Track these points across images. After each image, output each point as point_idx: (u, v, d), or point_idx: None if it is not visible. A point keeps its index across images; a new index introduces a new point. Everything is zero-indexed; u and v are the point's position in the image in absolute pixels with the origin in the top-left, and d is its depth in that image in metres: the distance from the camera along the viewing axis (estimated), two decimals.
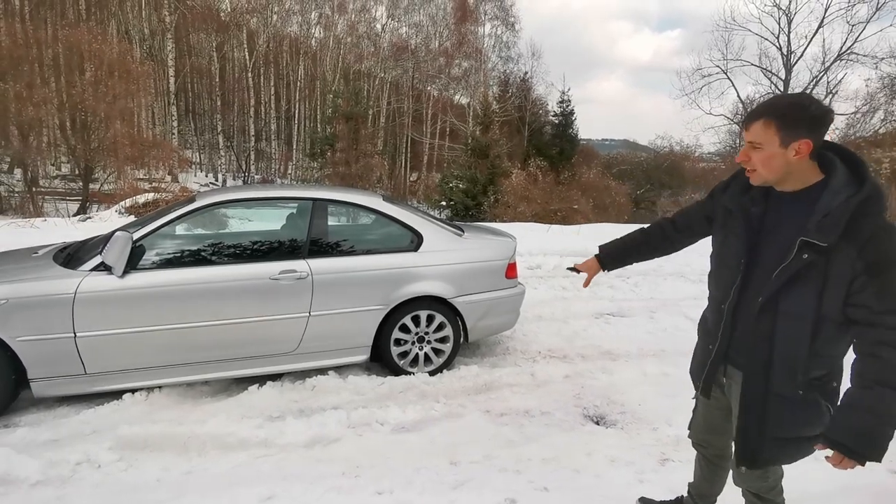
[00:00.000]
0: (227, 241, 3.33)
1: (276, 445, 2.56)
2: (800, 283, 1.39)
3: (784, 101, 1.44)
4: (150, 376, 2.96)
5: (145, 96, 21.89)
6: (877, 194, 1.33)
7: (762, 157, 1.41)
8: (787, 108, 1.38)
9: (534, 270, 6.80)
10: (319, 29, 30.45)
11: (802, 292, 1.39)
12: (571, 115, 27.05)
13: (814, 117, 1.35)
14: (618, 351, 4.06)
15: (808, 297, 1.39)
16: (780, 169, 1.41)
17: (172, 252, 3.03)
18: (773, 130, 1.37)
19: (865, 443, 1.33)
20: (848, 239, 1.31)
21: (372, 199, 3.53)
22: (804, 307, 1.40)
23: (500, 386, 3.38)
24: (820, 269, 1.35)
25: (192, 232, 3.29)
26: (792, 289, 1.40)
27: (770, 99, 1.47)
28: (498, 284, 3.65)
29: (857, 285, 1.32)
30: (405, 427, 2.83)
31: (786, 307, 1.43)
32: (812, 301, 1.38)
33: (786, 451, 1.56)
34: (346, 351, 3.33)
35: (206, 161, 30.18)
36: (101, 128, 15.14)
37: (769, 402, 1.51)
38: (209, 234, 3.34)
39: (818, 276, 1.36)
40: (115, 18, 25.64)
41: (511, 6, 30.64)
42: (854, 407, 1.36)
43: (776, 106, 1.40)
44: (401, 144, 31.84)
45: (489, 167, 18.21)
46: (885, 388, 1.31)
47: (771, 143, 1.38)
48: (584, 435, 2.84)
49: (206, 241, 3.33)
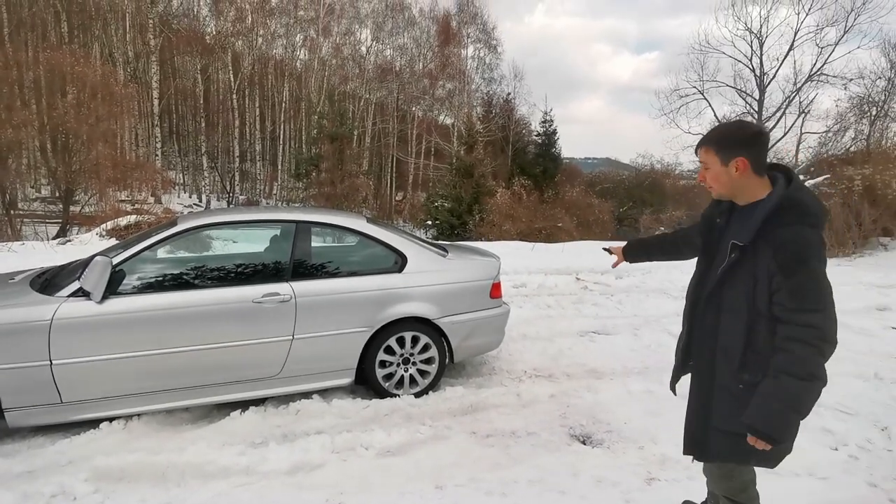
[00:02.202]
0: (210, 265, 3.30)
1: (258, 473, 2.51)
2: (734, 280, 1.61)
3: (720, 128, 1.69)
4: (128, 404, 2.89)
5: (129, 118, 21.80)
6: (787, 204, 1.54)
7: (711, 175, 1.67)
8: (721, 134, 1.65)
9: (519, 289, 6.83)
10: (304, 51, 30.77)
11: (737, 288, 1.60)
12: (554, 135, 27.48)
13: (744, 138, 1.61)
14: (603, 369, 4.08)
15: (741, 293, 1.59)
16: (728, 184, 1.64)
17: (153, 276, 3.00)
18: (713, 153, 1.64)
19: (774, 426, 1.50)
20: (766, 241, 1.53)
21: (355, 220, 3.54)
22: (739, 302, 1.60)
23: (486, 407, 3.37)
24: (748, 268, 1.57)
25: (174, 256, 3.26)
26: (730, 285, 1.63)
27: (711, 128, 1.73)
28: (483, 304, 3.66)
29: (775, 284, 1.51)
30: (390, 451, 2.79)
31: (727, 303, 1.64)
32: (745, 297, 1.58)
33: (730, 445, 1.66)
34: (331, 374, 3.30)
35: (191, 182, 29.95)
36: (82, 150, 15.00)
37: (714, 393, 1.69)
38: (191, 258, 3.31)
39: (748, 274, 1.57)
40: (98, 41, 25.62)
41: (493, 29, 31.40)
42: (765, 395, 1.52)
43: (713, 133, 1.68)
44: (386, 164, 32.02)
45: (474, 186, 18.37)
46: (790, 377, 1.48)
47: (714, 163, 1.64)
48: (570, 455, 2.83)
49: (188, 264, 3.30)
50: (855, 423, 3.18)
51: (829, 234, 9.03)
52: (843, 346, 4.59)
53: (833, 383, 3.86)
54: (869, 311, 5.77)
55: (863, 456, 2.85)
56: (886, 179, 9.11)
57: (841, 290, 6.70)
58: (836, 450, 2.90)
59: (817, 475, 2.64)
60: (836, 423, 3.14)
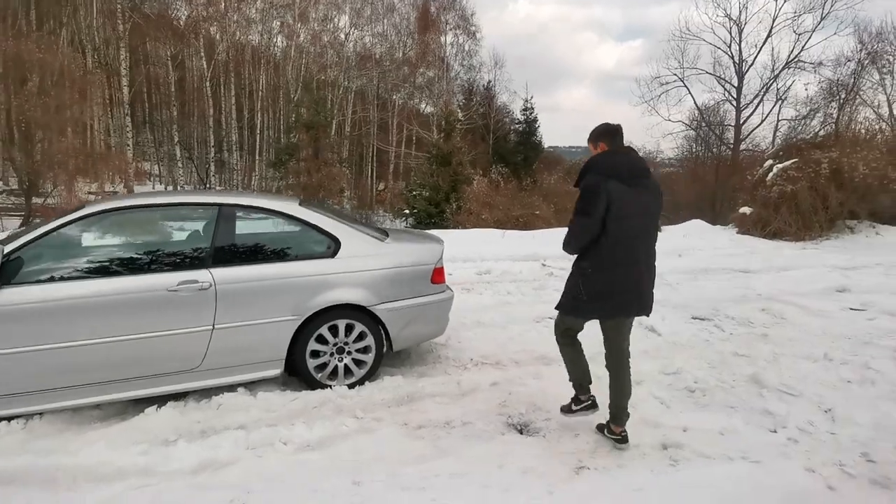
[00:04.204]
0: (121, 252, 3.09)
1: (159, 474, 2.34)
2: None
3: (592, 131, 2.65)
4: (27, 402, 2.69)
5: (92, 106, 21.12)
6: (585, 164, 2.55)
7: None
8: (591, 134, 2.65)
9: (482, 276, 6.70)
10: (281, 38, 30.08)
11: None
12: (535, 123, 27.37)
13: (597, 133, 2.62)
14: (552, 355, 3.91)
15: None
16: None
17: (55, 264, 2.79)
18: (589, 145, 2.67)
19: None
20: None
21: (286, 203, 3.35)
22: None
23: (423, 397, 3.23)
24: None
25: (85, 243, 3.04)
26: None
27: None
28: (423, 291, 3.50)
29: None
30: (310, 445, 2.64)
31: None
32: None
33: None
34: (257, 366, 3.12)
35: (166, 173, 29.27)
36: (45, 140, 14.48)
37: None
38: (100, 245, 3.10)
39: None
40: (66, 28, 24.77)
41: (472, 15, 30.96)
42: None
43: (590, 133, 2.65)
44: (367, 154, 31.59)
45: (451, 175, 18.16)
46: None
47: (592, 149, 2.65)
48: (501, 445, 2.71)
49: (96, 252, 3.07)
50: (798, 404, 3.10)
51: (796, 218, 9.04)
52: (797, 327, 4.63)
53: (779, 364, 3.81)
54: (829, 292, 5.74)
55: (803, 439, 2.76)
56: (853, 163, 9.09)
57: (804, 272, 6.76)
58: (774, 432, 2.81)
59: (751, 458, 2.54)
60: (778, 405, 3.05)
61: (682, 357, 3.90)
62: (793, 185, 9.33)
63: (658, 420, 2.95)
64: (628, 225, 2.41)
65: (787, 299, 5.40)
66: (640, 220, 2.45)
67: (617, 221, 2.37)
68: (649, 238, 2.53)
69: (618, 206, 2.35)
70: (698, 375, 3.54)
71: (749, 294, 5.78)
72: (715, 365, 3.75)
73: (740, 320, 4.85)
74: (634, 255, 2.47)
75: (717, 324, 4.78)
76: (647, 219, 2.48)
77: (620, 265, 2.44)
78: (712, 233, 10.80)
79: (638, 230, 2.45)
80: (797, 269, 6.89)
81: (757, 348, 4.06)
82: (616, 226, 2.38)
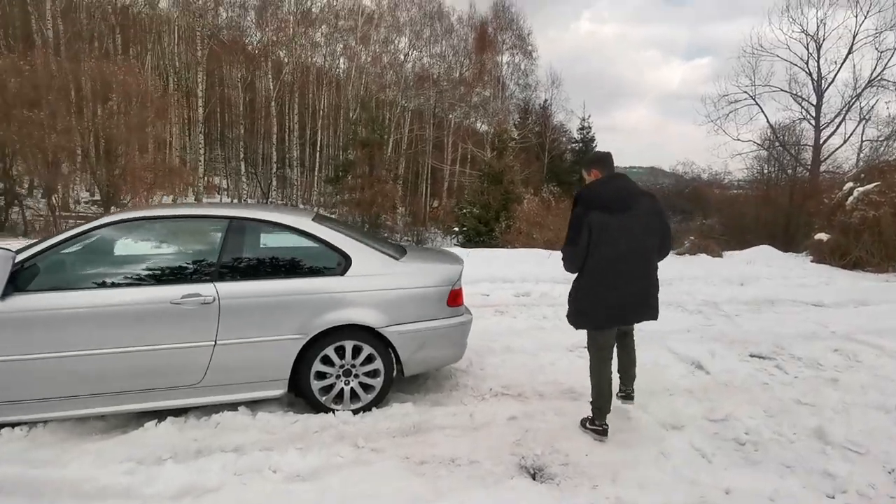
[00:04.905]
0: (128, 263, 3.10)
1: (139, 496, 2.24)
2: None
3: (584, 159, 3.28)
4: (31, 410, 2.70)
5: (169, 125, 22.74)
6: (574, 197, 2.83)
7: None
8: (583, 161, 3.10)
9: (519, 297, 6.39)
10: (344, 60, 31.28)
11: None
12: (592, 142, 26.70)
13: (589, 161, 3.02)
14: (581, 389, 3.58)
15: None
16: None
17: (65, 274, 2.82)
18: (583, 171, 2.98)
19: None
20: None
21: (297, 218, 3.26)
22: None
23: (431, 428, 2.99)
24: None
25: (91, 253, 3.06)
26: None
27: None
28: (437, 313, 3.29)
29: None
30: (300, 475, 2.47)
31: None
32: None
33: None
34: (259, 384, 3.01)
35: (233, 187, 30.95)
36: (124, 154, 15.68)
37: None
38: (108, 256, 3.12)
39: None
40: (151, 53, 27.01)
41: (528, 35, 30.88)
42: None
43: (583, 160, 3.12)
44: (423, 171, 31.98)
45: (502, 193, 17.92)
46: None
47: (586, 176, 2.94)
48: (507, 492, 2.41)
49: (104, 262, 3.10)
50: (862, 463, 2.60)
51: (879, 247, 8.03)
52: (873, 371, 3.98)
53: (848, 416, 3.25)
54: None
55: None
56: None
57: (886, 308, 5.95)
58: (832, 497, 2.35)
59: None
60: (841, 465, 2.57)
61: (734, 401, 3.42)
62: (875, 211, 8.34)
63: (696, 476, 2.54)
64: (609, 249, 2.69)
65: (864, 339, 4.72)
66: (624, 244, 2.70)
67: (597, 247, 2.69)
68: (637, 258, 2.76)
69: (598, 234, 2.67)
70: (750, 425, 3.08)
71: (820, 331, 5.12)
72: (773, 413, 3.26)
73: (808, 361, 4.26)
74: (616, 278, 2.74)
75: (779, 364, 4.22)
76: (632, 242, 2.72)
77: (601, 286, 2.76)
78: (782, 260, 9.89)
79: (621, 253, 2.70)
80: (877, 305, 6.09)
81: (824, 395, 3.51)
82: (597, 251, 2.70)
